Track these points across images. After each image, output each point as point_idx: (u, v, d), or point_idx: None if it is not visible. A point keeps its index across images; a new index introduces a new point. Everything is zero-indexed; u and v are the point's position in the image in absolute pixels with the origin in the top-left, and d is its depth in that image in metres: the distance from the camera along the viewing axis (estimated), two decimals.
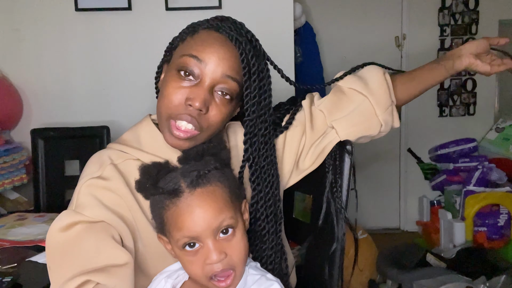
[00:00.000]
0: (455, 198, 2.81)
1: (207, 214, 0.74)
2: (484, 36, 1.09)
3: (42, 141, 1.88)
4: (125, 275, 0.80)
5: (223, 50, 0.85)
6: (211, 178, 0.77)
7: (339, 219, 1.03)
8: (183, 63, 0.85)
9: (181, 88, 0.85)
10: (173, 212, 0.75)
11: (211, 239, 0.74)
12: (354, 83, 1.03)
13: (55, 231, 0.81)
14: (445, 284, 2.05)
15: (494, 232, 2.65)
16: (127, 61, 2.17)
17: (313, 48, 2.83)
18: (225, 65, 0.85)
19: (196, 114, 0.84)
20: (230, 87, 0.86)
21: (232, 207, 0.77)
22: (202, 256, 0.75)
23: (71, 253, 0.80)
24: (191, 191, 0.75)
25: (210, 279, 0.75)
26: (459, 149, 3.04)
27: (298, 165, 1.03)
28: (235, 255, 0.76)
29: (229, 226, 0.76)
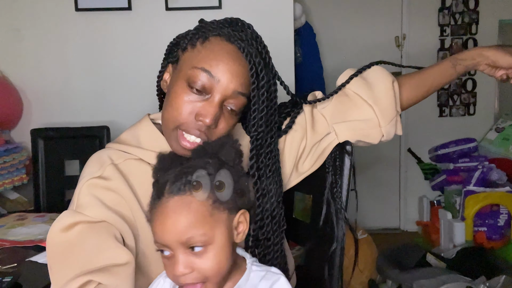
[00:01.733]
0: (455, 198, 2.81)
1: (175, 226, 0.71)
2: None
3: (42, 141, 1.88)
4: (126, 274, 0.80)
5: (235, 66, 0.84)
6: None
7: (339, 219, 1.03)
8: (194, 77, 0.83)
9: (191, 102, 0.84)
10: (153, 213, 0.74)
11: (180, 251, 0.71)
12: (360, 88, 1.02)
13: (56, 232, 0.81)
14: (445, 284, 2.05)
15: (494, 232, 2.65)
16: (127, 61, 2.17)
17: (313, 48, 2.83)
18: (237, 82, 0.84)
19: (205, 129, 0.84)
20: (240, 102, 0.86)
21: (208, 223, 0.72)
22: (172, 264, 0.73)
23: (73, 253, 0.80)
24: (169, 197, 0.72)
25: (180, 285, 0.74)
26: (459, 149, 3.04)
27: (298, 167, 1.03)
28: (205, 270, 0.72)
29: (199, 243, 0.71)
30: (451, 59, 1.07)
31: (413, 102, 1.08)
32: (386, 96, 1.01)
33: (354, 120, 1.01)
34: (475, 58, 1.05)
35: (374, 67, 1.06)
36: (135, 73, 2.18)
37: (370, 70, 1.05)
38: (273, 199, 0.92)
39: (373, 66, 1.07)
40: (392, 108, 1.01)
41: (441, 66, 1.07)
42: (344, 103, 1.02)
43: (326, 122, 1.02)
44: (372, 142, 1.03)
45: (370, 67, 1.06)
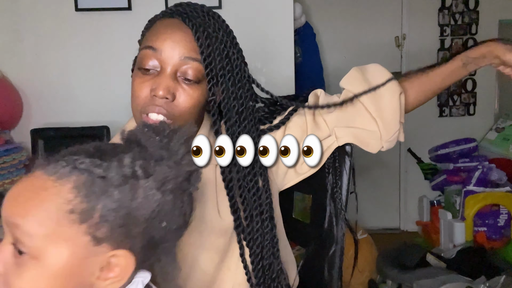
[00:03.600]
0: (455, 198, 2.81)
1: (10, 200, 0.52)
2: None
3: (42, 141, 1.88)
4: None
5: (177, 34, 0.85)
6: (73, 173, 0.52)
7: (339, 220, 1.03)
8: (141, 58, 0.86)
9: (144, 82, 0.85)
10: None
11: (7, 239, 0.52)
12: (365, 97, 0.98)
13: None
14: (445, 284, 2.05)
15: (494, 232, 2.65)
16: (127, 61, 2.16)
17: (313, 48, 2.83)
18: (181, 47, 0.84)
19: (164, 103, 0.83)
20: (192, 68, 0.84)
21: (48, 228, 0.50)
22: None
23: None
24: (36, 168, 0.55)
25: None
26: (459, 149, 3.04)
27: (296, 168, 1.00)
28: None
29: (21, 245, 0.50)
30: (462, 58, 1.01)
31: (419, 104, 1.06)
32: (391, 110, 0.97)
33: (356, 127, 0.98)
34: (486, 56, 1.00)
35: (382, 73, 1.01)
36: None
37: (377, 76, 1.00)
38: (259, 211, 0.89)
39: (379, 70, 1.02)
40: (396, 121, 0.98)
41: (450, 66, 1.02)
42: (348, 110, 0.99)
43: (327, 125, 0.99)
44: (371, 151, 1.01)
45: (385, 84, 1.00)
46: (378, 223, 3.40)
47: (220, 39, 0.87)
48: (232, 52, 0.89)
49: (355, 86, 0.99)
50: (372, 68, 1.03)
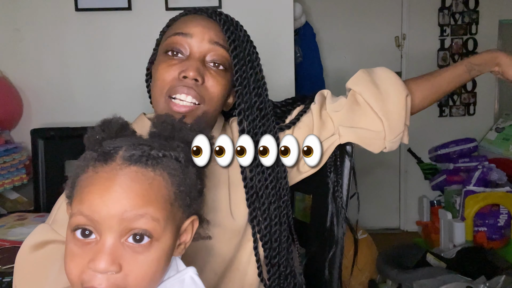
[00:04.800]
0: (455, 198, 2.81)
1: (124, 197, 0.53)
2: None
3: (42, 141, 1.88)
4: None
5: (205, 21, 0.87)
6: (159, 164, 0.57)
7: (339, 220, 1.03)
8: (169, 43, 0.86)
9: (172, 65, 0.84)
10: (88, 177, 0.56)
11: (113, 235, 0.52)
12: (372, 98, 0.98)
13: (26, 249, 0.77)
14: (445, 284, 2.05)
15: (494, 232, 2.65)
16: (127, 61, 2.17)
17: (313, 48, 2.83)
18: (210, 32, 0.85)
19: (193, 84, 0.82)
20: (220, 54, 0.86)
21: (165, 210, 0.55)
22: (90, 253, 0.52)
23: (35, 277, 0.76)
24: (123, 164, 0.55)
25: (82, 286, 0.53)
26: (459, 149, 3.04)
27: (299, 167, 1.01)
28: (134, 277, 0.52)
29: (147, 232, 0.53)
30: (466, 64, 1.04)
31: (424, 107, 1.07)
32: (397, 111, 0.98)
33: (361, 128, 0.99)
34: (488, 63, 1.04)
35: (389, 75, 1.01)
36: (135, 73, 2.17)
37: (384, 78, 1.00)
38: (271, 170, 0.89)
39: (386, 72, 1.02)
40: (401, 123, 0.99)
41: (455, 71, 1.05)
42: (355, 111, 0.99)
43: (333, 124, 0.99)
44: (373, 151, 1.02)
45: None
46: (378, 223, 3.40)
47: (241, 38, 0.89)
48: (252, 51, 0.91)
49: (362, 87, 0.99)
50: (379, 70, 1.02)
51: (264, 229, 0.90)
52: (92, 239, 0.54)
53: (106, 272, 0.51)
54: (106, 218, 0.52)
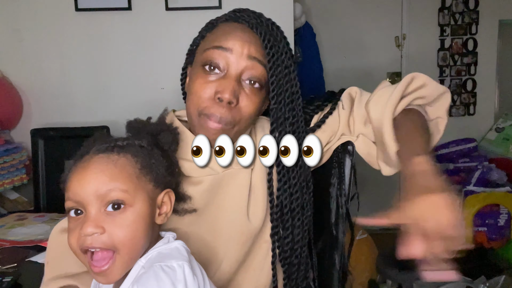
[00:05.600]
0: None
1: (96, 178, 0.68)
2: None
3: (42, 141, 1.88)
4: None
5: (245, 35, 0.84)
6: (123, 149, 0.72)
7: (340, 219, 1.03)
8: (207, 57, 0.84)
9: (208, 82, 0.83)
10: (71, 173, 0.71)
11: (94, 208, 0.67)
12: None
13: (57, 231, 0.85)
14: (445, 284, 2.04)
15: (494, 232, 2.65)
16: (127, 61, 2.17)
17: (313, 48, 2.83)
18: (250, 47, 0.84)
19: (227, 108, 0.82)
20: (258, 72, 0.84)
21: (132, 183, 0.69)
22: (81, 224, 0.67)
23: (64, 255, 0.82)
24: (93, 155, 0.71)
25: (84, 253, 0.68)
26: (459, 149, 3.04)
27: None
28: (116, 235, 0.66)
29: (119, 200, 0.67)
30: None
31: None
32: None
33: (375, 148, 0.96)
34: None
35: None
36: (135, 73, 2.18)
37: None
38: (296, 180, 0.89)
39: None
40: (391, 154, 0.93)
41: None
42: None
43: (354, 128, 0.97)
44: (372, 166, 0.99)
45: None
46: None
47: (281, 50, 0.87)
48: (290, 64, 0.88)
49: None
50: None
51: (286, 245, 0.91)
52: (81, 216, 0.68)
53: (92, 234, 0.66)
54: (85, 196, 0.67)
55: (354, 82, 1.08)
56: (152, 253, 0.70)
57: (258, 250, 0.93)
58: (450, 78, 3.36)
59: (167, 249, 0.71)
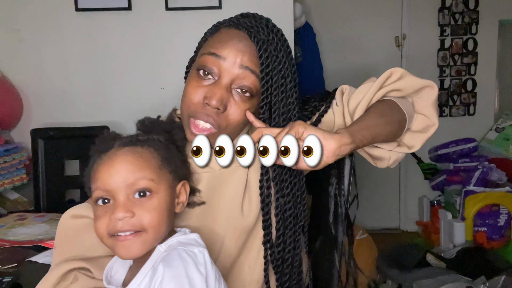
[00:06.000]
0: (455, 198, 2.81)
1: (124, 168, 0.73)
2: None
3: (42, 141, 1.88)
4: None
5: (241, 44, 0.86)
6: (145, 143, 0.78)
7: (340, 219, 1.03)
8: (202, 62, 0.87)
9: (200, 87, 0.86)
10: (97, 165, 0.76)
11: (123, 195, 0.72)
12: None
13: (68, 216, 0.89)
14: (445, 284, 2.05)
15: (494, 232, 2.65)
16: (127, 61, 2.17)
17: (313, 48, 2.83)
18: (243, 56, 0.85)
19: (214, 113, 0.85)
20: (249, 81, 0.86)
21: (156, 173, 0.76)
22: (110, 211, 0.72)
23: (74, 238, 0.87)
24: (119, 148, 0.76)
25: (111, 236, 0.73)
26: (459, 149, 3.04)
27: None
28: (145, 217, 0.72)
29: (146, 188, 0.74)
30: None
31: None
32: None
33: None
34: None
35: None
36: (135, 73, 2.18)
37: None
38: (289, 190, 0.90)
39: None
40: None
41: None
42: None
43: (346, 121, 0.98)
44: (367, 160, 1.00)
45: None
46: (378, 223, 3.40)
47: (279, 60, 0.88)
48: (288, 74, 0.90)
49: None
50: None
51: (278, 253, 0.92)
52: (110, 204, 0.73)
53: (123, 218, 0.71)
54: (115, 185, 0.73)
55: (354, 82, 1.08)
56: (172, 241, 0.75)
57: (251, 246, 0.95)
58: (450, 78, 3.36)
59: (186, 239, 0.77)
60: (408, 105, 0.95)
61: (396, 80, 0.94)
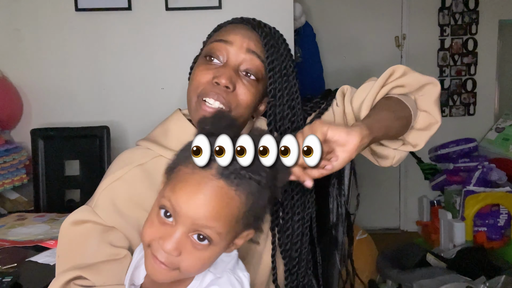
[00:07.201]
0: (455, 198, 2.81)
1: (204, 207, 0.65)
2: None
3: (42, 141, 1.88)
4: (114, 272, 0.82)
5: (247, 32, 0.90)
6: (241, 186, 0.67)
7: (340, 219, 1.03)
8: (209, 48, 0.90)
9: (208, 69, 0.88)
10: (186, 172, 0.68)
11: (184, 229, 0.66)
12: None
13: (68, 223, 0.86)
14: (445, 284, 2.05)
15: (494, 232, 2.66)
16: (127, 61, 2.17)
17: (313, 48, 2.83)
18: (250, 42, 0.89)
19: (224, 91, 0.86)
20: (255, 65, 0.88)
21: (229, 227, 0.68)
22: (163, 232, 0.67)
23: (74, 247, 0.85)
24: (215, 176, 0.67)
25: (147, 248, 0.69)
26: (459, 149, 3.04)
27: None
28: (187, 263, 0.67)
29: (209, 238, 0.67)
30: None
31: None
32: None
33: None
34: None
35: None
36: (135, 73, 2.18)
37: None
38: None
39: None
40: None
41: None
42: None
43: (347, 121, 0.98)
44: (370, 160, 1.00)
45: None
46: (378, 223, 3.40)
47: (281, 52, 0.92)
48: (289, 65, 0.93)
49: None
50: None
51: (286, 238, 0.92)
52: (170, 222, 0.67)
53: (168, 253, 0.66)
54: (184, 215, 0.66)
55: (354, 82, 1.08)
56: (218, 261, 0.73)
57: (255, 249, 0.94)
58: (450, 78, 3.37)
59: (228, 257, 0.75)
60: (411, 102, 0.95)
61: (399, 76, 0.95)
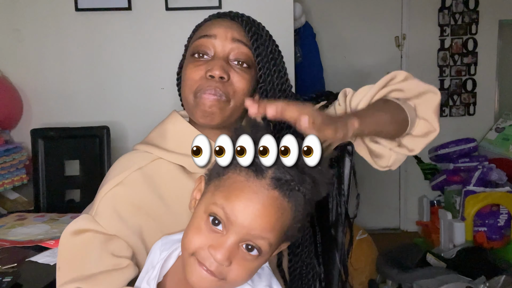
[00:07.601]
0: (455, 198, 2.81)
1: (259, 217, 0.64)
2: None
3: (42, 141, 1.88)
4: (116, 283, 0.80)
5: (228, 22, 0.91)
6: (293, 197, 0.66)
7: (340, 219, 1.03)
8: (195, 47, 0.90)
9: (199, 66, 0.88)
10: (239, 181, 0.66)
11: (236, 238, 0.64)
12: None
13: (68, 234, 0.84)
14: (445, 284, 2.05)
15: (494, 232, 2.65)
16: (127, 61, 2.17)
17: (313, 48, 2.83)
18: (233, 31, 0.90)
19: (219, 83, 0.86)
20: (243, 52, 0.89)
21: (279, 238, 0.67)
22: (213, 240, 0.65)
23: (75, 258, 0.83)
24: (270, 186, 0.65)
25: (192, 255, 0.66)
26: (459, 149, 3.04)
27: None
28: (235, 274, 0.66)
29: (259, 249, 0.65)
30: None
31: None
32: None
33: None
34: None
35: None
36: (135, 73, 2.18)
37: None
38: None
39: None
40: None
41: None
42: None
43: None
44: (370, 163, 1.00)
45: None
46: (378, 223, 3.40)
47: (264, 38, 0.93)
48: (274, 49, 0.95)
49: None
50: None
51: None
52: (219, 230, 0.65)
53: (220, 262, 0.64)
54: (239, 225, 0.64)
55: (354, 82, 1.08)
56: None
57: None
58: (450, 78, 3.37)
59: (261, 269, 0.74)
60: (410, 108, 0.94)
61: (400, 81, 0.94)
